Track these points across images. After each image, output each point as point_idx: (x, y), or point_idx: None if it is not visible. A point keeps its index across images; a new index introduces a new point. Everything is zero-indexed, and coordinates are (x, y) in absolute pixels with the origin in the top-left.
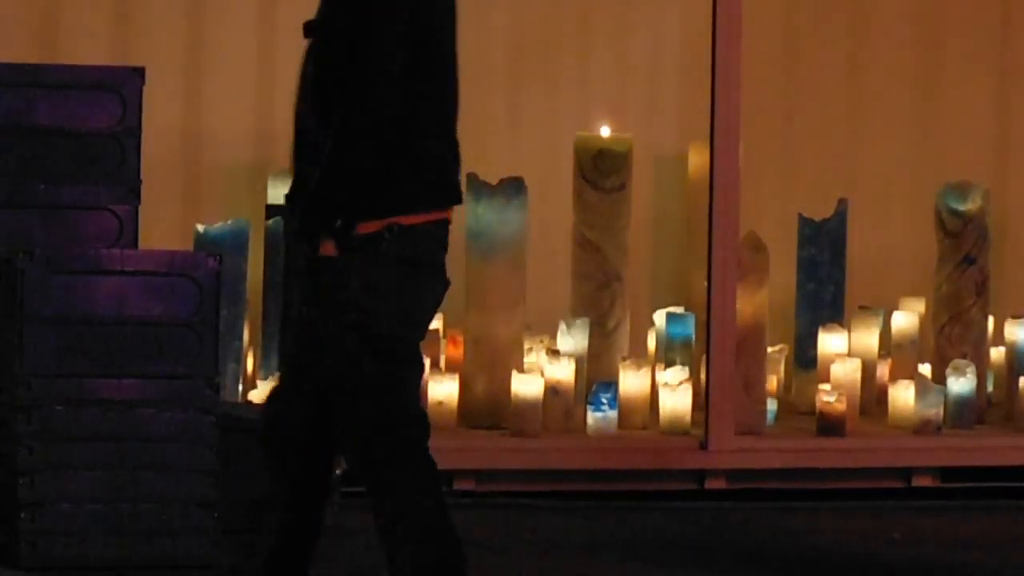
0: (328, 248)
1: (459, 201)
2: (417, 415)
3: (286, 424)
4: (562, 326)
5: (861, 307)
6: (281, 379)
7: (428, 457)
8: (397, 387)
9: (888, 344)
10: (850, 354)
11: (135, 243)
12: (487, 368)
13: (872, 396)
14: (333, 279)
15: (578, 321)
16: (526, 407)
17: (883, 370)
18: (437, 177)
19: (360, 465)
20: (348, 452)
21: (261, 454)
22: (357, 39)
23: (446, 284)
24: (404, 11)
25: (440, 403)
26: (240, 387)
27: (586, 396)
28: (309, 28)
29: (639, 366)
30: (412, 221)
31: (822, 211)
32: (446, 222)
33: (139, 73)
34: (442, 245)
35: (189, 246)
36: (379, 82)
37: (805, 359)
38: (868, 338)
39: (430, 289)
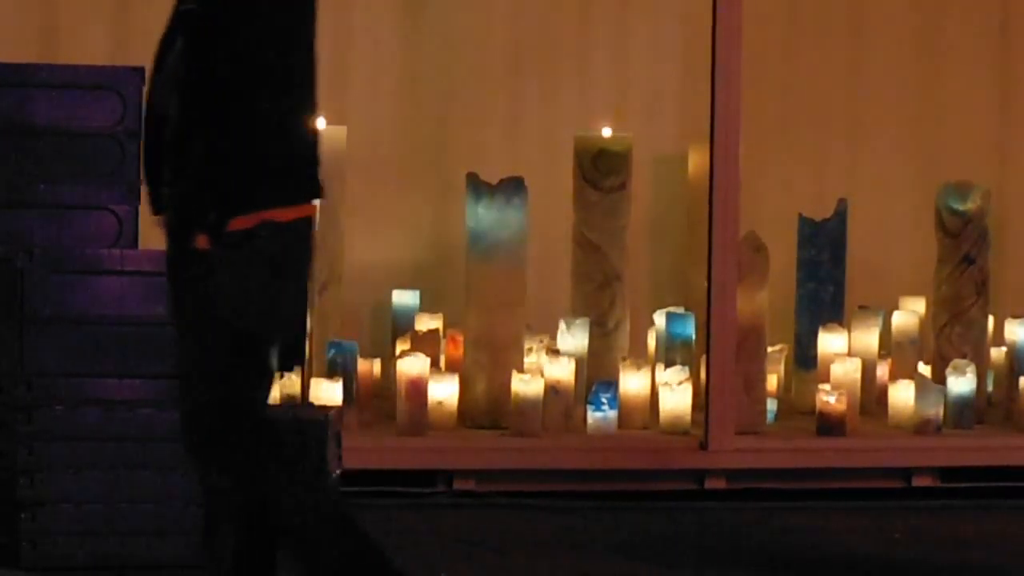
0: (202, 241)
1: (323, 195)
2: (262, 419)
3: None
4: (562, 326)
5: (861, 307)
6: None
7: (276, 453)
8: (248, 385)
9: (888, 344)
10: (850, 354)
11: (135, 243)
12: (487, 368)
13: (872, 396)
14: (203, 272)
15: (578, 321)
16: (526, 407)
17: (883, 370)
18: (304, 172)
19: (200, 457)
20: (187, 441)
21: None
22: (238, 37)
23: (306, 285)
24: (284, 11)
25: (440, 403)
26: None
27: (586, 396)
28: (185, 20)
29: (639, 366)
30: (283, 217)
31: (822, 211)
32: (311, 220)
33: (139, 73)
34: (308, 246)
35: None
36: (256, 80)
37: (805, 359)
38: (868, 338)
39: (295, 290)
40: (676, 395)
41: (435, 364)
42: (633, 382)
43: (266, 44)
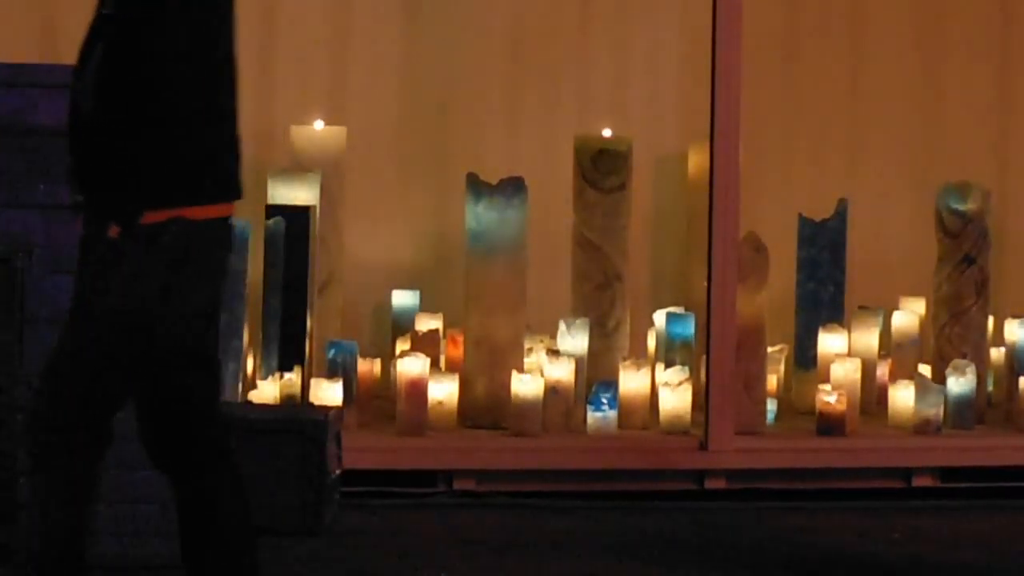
0: (113, 231)
1: (241, 195)
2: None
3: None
4: (562, 326)
5: (861, 307)
6: None
7: (77, 465)
8: (115, 387)
9: (888, 344)
10: (850, 354)
11: None
12: (487, 368)
13: (872, 396)
14: (108, 258)
15: (578, 321)
16: (526, 407)
17: (883, 370)
18: (221, 172)
19: (34, 430)
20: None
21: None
22: (157, 40)
23: (220, 284)
24: (202, 13)
25: (440, 403)
26: (240, 387)
27: (586, 396)
28: (105, 24)
29: (639, 366)
30: (196, 215)
31: (822, 211)
32: (228, 220)
33: None
34: (221, 245)
35: None
36: (175, 81)
37: (805, 359)
38: (868, 338)
39: (202, 290)
40: (676, 395)
41: (435, 364)
42: (633, 382)
43: (185, 46)
